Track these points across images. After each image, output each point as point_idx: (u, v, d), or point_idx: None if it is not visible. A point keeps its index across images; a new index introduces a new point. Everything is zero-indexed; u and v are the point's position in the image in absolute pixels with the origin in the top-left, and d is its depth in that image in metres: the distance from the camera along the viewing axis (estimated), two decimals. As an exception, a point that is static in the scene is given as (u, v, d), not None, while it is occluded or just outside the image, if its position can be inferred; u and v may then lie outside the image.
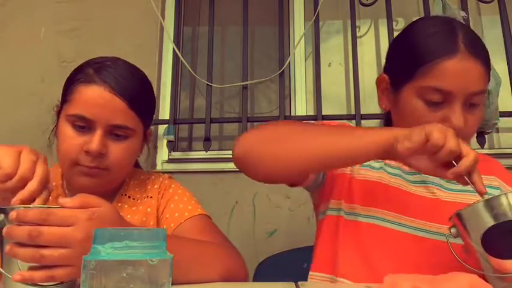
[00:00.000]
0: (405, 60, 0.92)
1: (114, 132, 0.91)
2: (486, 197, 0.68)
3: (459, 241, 0.75)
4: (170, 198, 1.00)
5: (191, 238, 0.86)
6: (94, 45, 1.91)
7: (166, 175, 1.09)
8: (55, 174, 0.99)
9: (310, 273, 0.96)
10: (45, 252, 0.62)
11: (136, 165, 1.13)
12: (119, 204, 0.98)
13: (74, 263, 0.62)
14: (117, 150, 0.91)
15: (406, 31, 0.97)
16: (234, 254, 0.90)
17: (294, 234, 1.08)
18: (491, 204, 0.66)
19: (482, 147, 1.70)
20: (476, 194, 0.75)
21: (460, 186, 0.89)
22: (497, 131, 1.87)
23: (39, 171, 0.71)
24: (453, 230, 0.70)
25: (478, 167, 0.76)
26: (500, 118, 1.64)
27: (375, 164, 0.98)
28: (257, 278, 1.36)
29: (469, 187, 0.80)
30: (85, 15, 1.97)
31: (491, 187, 0.95)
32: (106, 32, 1.94)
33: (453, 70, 0.85)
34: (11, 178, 0.69)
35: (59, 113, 0.96)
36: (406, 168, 0.97)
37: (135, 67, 0.98)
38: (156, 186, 1.03)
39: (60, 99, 0.97)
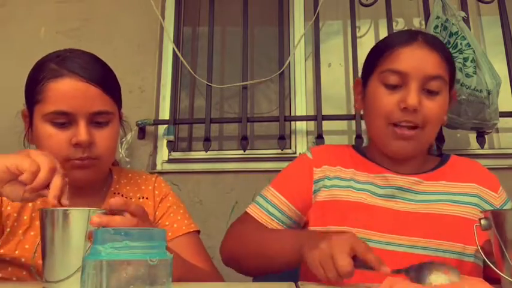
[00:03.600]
0: (371, 57, 1.03)
1: (95, 120, 0.91)
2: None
3: (421, 251, 0.86)
4: (170, 206, 1.03)
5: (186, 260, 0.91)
6: (94, 45, 1.90)
7: (155, 175, 1.10)
8: None
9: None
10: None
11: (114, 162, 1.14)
12: None
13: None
14: (103, 137, 0.92)
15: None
16: (220, 277, 1.01)
17: (294, 234, 1.10)
18: None
19: (482, 148, 1.70)
20: (444, 202, 0.93)
21: (427, 197, 0.96)
22: (497, 131, 1.87)
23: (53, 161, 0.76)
24: (483, 222, 0.71)
25: (458, 172, 0.94)
26: (500, 118, 1.64)
27: (342, 182, 1.00)
28: (257, 278, 1.36)
29: (436, 197, 0.94)
30: (85, 15, 1.97)
31: (469, 195, 0.98)
32: (106, 32, 1.94)
33: (409, 54, 0.95)
34: (36, 176, 0.72)
35: (29, 117, 0.94)
36: (381, 183, 0.99)
37: (88, 52, 0.97)
38: (150, 188, 1.04)
39: (25, 104, 0.95)
